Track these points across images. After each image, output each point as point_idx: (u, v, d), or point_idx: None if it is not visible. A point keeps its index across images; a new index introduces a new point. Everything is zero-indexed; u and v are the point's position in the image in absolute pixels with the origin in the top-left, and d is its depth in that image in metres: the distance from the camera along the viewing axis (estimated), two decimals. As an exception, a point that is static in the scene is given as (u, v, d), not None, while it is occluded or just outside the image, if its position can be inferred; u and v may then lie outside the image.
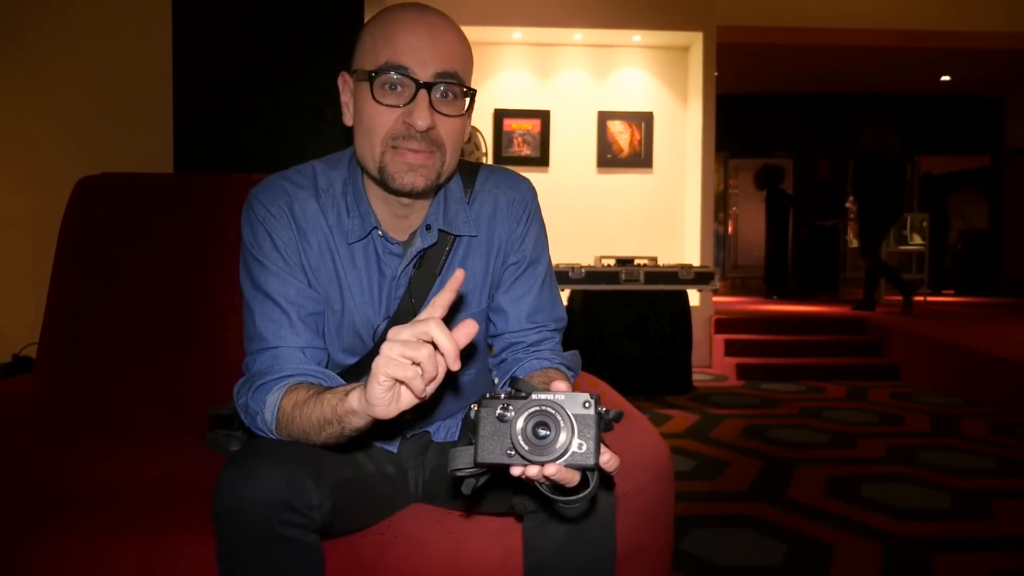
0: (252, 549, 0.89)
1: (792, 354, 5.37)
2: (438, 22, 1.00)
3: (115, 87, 2.59)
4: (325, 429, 0.91)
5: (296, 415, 0.94)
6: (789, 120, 10.40)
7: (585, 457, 0.76)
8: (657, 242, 5.79)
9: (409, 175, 0.98)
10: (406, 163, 0.98)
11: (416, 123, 0.96)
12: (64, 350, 1.67)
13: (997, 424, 3.69)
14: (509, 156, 5.78)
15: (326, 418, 0.90)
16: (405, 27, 0.97)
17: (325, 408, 0.90)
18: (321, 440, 0.93)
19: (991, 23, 7.00)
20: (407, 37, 0.97)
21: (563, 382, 0.83)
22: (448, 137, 1.00)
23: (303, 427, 0.93)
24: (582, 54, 5.85)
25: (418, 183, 0.99)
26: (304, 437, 0.94)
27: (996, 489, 2.67)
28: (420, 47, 0.97)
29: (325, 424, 0.91)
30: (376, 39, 0.99)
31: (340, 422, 0.89)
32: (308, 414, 0.92)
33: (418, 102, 0.96)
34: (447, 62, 0.98)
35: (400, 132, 0.97)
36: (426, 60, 0.97)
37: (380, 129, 0.98)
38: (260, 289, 1.04)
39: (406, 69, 0.96)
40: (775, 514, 2.39)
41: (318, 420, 0.91)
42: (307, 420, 0.92)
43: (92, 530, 1.11)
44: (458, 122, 1.02)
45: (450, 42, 0.99)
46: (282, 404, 0.96)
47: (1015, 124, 10.43)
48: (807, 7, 6.86)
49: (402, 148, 0.98)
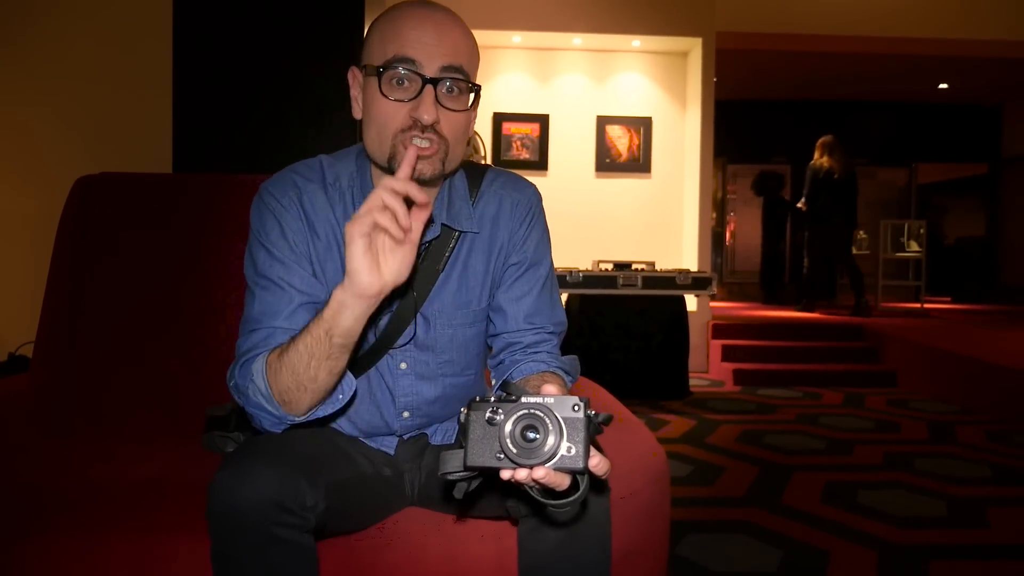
0: (246, 550, 0.89)
1: (789, 360, 5.37)
2: (444, 18, 1.02)
3: (116, 87, 2.59)
4: (315, 353, 0.91)
5: (282, 359, 0.93)
6: (787, 126, 10.42)
7: (574, 460, 0.76)
8: (655, 247, 5.80)
9: (416, 163, 0.99)
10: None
11: (422, 117, 0.98)
12: (60, 349, 1.67)
13: (994, 432, 3.69)
14: (508, 160, 5.79)
15: (314, 336, 0.91)
16: (412, 22, 1.00)
17: (311, 328, 0.91)
18: (311, 374, 0.92)
19: (989, 32, 7.03)
20: (414, 32, 0.99)
21: (555, 385, 0.83)
22: (452, 131, 1.03)
23: (291, 366, 0.92)
24: (581, 58, 5.86)
25: (425, 170, 1.00)
26: (294, 380, 0.93)
27: (992, 497, 2.67)
28: (427, 41, 0.99)
29: (314, 345, 0.91)
30: (384, 34, 1.01)
31: (328, 332, 0.90)
32: (294, 348, 0.92)
33: (424, 97, 0.98)
34: (453, 56, 1.00)
35: (407, 125, 1.00)
36: (433, 54, 0.99)
37: (389, 124, 1.00)
38: (264, 275, 1.04)
39: (413, 63, 0.98)
40: (771, 520, 2.39)
41: (306, 348, 0.91)
42: (294, 354, 0.92)
43: (87, 530, 1.10)
44: (463, 116, 1.04)
45: (456, 37, 1.01)
46: (268, 360, 0.95)
47: (1012, 132, 10.45)
48: (806, 14, 6.89)
49: (408, 138, 1.00)
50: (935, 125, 10.61)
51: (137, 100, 2.55)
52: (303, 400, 0.95)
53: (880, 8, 6.84)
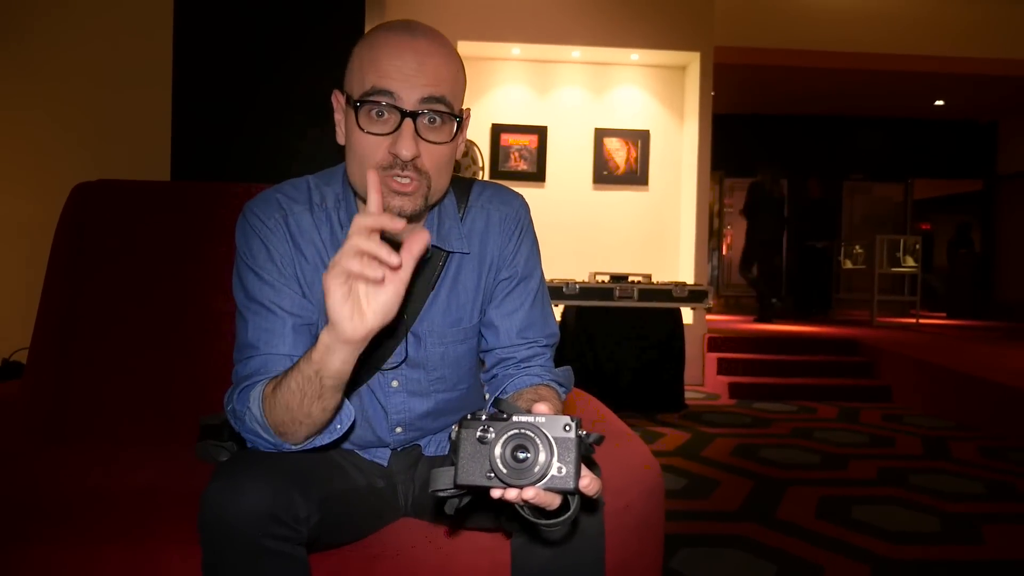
0: (238, 561, 0.88)
1: (785, 374, 5.38)
2: (425, 44, 0.98)
3: (115, 94, 2.59)
4: (306, 392, 0.89)
5: (277, 394, 0.92)
6: (785, 141, 10.47)
7: (564, 481, 0.75)
8: (651, 259, 5.81)
9: (396, 199, 0.98)
10: (392, 189, 0.98)
11: (401, 153, 0.95)
12: (55, 356, 1.66)
13: (988, 448, 3.69)
14: (505, 171, 5.80)
15: (305, 376, 0.89)
16: (390, 51, 0.96)
17: (302, 367, 0.89)
18: (305, 411, 0.91)
19: (986, 50, 7.09)
20: (393, 62, 0.96)
21: (547, 403, 0.82)
22: (434, 164, 1.00)
23: (285, 402, 0.91)
24: (580, 71, 5.89)
25: (406, 207, 0.98)
26: (288, 415, 0.92)
27: (986, 513, 2.67)
28: (406, 72, 0.95)
29: (305, 385, 0.89)
30: (363, 62, 0.98)
31: (318, 372, 0.87)
32: (287, 385, 0.91)
33: (403, 132, 0.96)
34: (434, 87, 0.97)
35: (387, 162, 0.97)
36: (412, 85, 0.96)
37: (368, 158, 0.98)
38: (254, 299, 1.04)
39: (392, 95, 0.95)
40: (765, 534, 2.38)
41: (298, 386, 0.89)
42: (287, 391, 0.90)
43: (78, 539, 1.10)
44: (445, 149, 1.01)
45: (436, 65, 0.98)
46: (264, 392, 0.94)
47: (1008, 149, 10.52)
48: (805, 30, 6.94)
49: (388, 177, 0.97)
50: (931, 141, 10.68)
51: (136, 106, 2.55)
52: (299, 432, 0.95)
53: (878, 25, 6.90)
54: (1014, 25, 6.98)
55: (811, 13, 6.84)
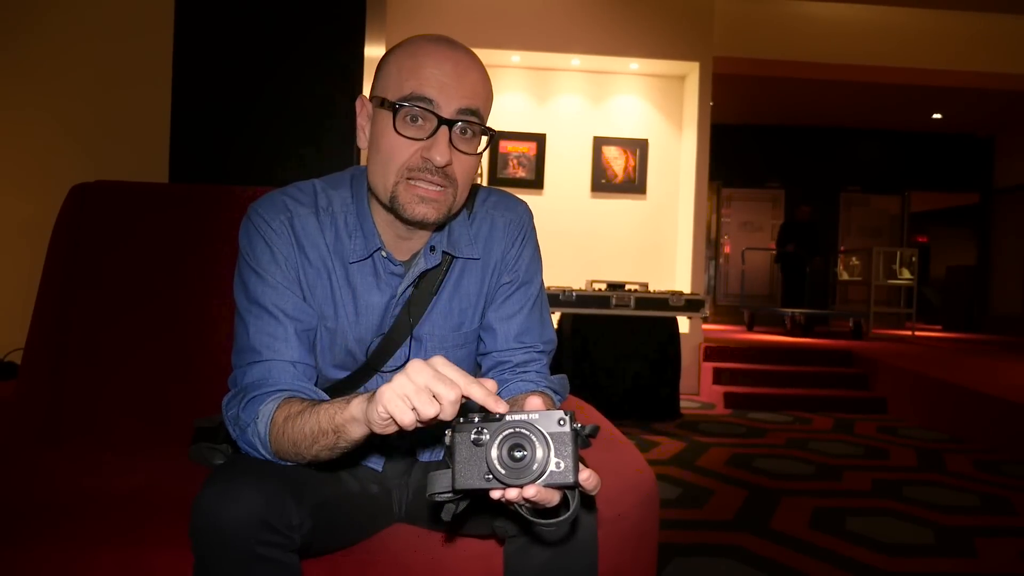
0: (229, 568, 0.87)
1: (780, 384, 5.38)
2: (465, 58, 1.00)
3: (114, 94, 2.59)
4: (319, 441, 0.90)
5: (288, 427, 0.92)
6: (782, 152, 10.51)
7: (563, 476, 0.75)
8: (648, 268, 5.82)
9: (421, 207, 0.99)
10: (418, 195, 0.98)
11: (435, 158, 0.97)
12: (50, 357, 1.66)
13: (982, 461, 3.70)
14: (504, 178, 5.81)
15: (321, 428, 0.89)
16: (433, 60, 0.98)
17: (322, 418, 0.89)
18: (312, 453, 0.92)
19: (984, 64, 7.12)
20: (434, 71, 0.97)
21: (539, 398, 0.82)
22: (462, 174, 1.01)
23: (294, 439, 0.92)
24: (579, 80, 5.91)
25: (430, 215, 1.00)
26: (293, 450, 0.93)
27: (980, 526, 2.67)
28: (446, 82, 0.97)
29: (320, 435, 0.89)
30: (402, 68, 0.99)
31: (337, 432, 0.88)
32: (300, 426, 0.91)
33: (438, 138, 0.97)
34: (471, 99, 0.99)
35: (417, 165, 0.98)
36: (451, 95, 0.97)
37: (397, 160, 0.99)
38: (255, 302, 1.03)
39: (431, 103, 0.97)
40: (759, 544, 2.38)
41: (311, 431, 0.90)
42: (299, 432, 0.91)
43: (69, 541, 1.09)
44: (474, 160, 1.03)
45: (475, 80, 1.00)
46: (275, 416, 0.95)
47: (1005, 163, 10.56)
48: (803, 42, 6.96)
49: (416, 180, 0.98)
50: (928, 154, 10.73)
51: (135, 106, 2.54)
52: (300, 463, 0.96)
53: (877, 37, 6.93)
54: (1013, 39, 7.02)
55: (810, 25, 6.87)
